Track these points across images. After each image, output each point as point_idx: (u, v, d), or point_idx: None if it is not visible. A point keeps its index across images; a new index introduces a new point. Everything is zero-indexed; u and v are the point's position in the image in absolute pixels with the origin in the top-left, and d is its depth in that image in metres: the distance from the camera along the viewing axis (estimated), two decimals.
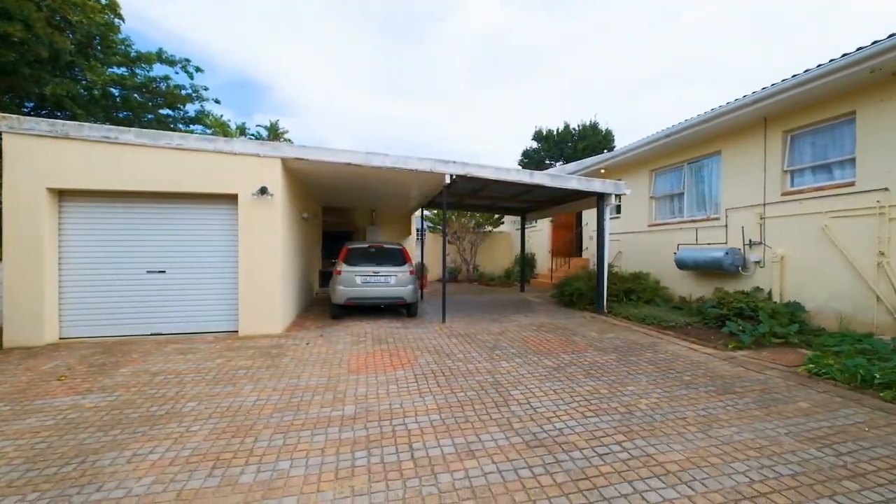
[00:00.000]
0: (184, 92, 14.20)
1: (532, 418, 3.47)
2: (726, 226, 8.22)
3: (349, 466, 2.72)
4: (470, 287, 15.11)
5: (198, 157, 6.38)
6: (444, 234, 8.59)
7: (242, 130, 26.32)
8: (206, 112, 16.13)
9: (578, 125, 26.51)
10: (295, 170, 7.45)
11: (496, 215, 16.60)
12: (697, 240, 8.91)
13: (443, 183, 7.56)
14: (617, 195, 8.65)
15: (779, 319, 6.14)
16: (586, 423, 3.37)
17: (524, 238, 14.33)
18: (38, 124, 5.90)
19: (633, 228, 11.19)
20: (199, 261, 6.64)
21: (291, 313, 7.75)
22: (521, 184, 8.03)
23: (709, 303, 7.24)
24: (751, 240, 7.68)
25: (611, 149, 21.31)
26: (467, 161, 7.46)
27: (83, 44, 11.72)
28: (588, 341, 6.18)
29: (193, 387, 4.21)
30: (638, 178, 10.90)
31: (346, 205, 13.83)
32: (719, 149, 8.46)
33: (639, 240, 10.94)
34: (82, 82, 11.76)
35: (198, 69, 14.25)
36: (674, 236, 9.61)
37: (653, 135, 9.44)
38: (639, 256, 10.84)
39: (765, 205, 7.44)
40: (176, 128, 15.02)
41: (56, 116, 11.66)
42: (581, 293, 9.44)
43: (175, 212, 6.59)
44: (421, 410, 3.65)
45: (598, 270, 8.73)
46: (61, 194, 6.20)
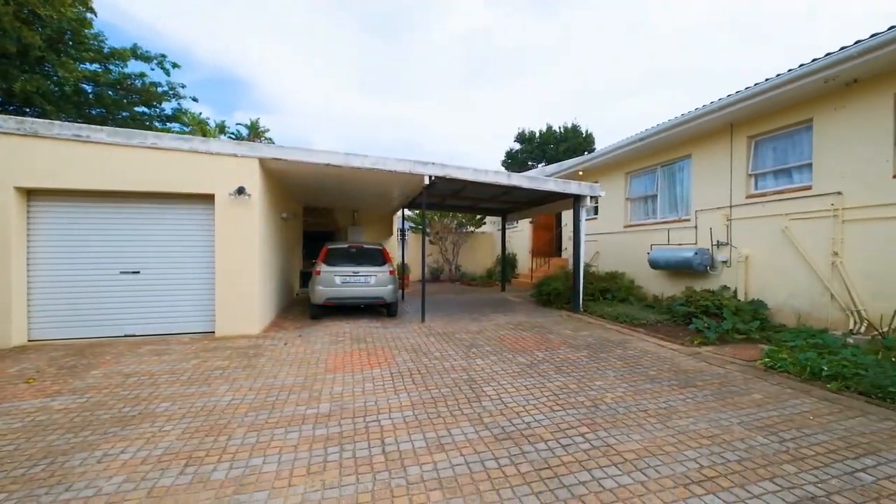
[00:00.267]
0: (160, 89, 13.96)
1: (502, 413, 3.60)
2: (696, 227, 8.54)
3: (321, 461, 2.79)
4: (452, 287, 15.23)
5: (173, 157, 6.32)
6: (423, 234, 8.68)
7: (222, 129, 25.88)
8: (183, 110, 15.88)
9: (561, 127, 26.93)
10: (274, 170, 7.44)
11: (478, 216, 16.77)
12: (669, 240, 9.22)
13: (422, 184, 7.65)
14: (592, 197, 8.88)
15: (742, 317, 6.43)
16: (553, 416, 3.52)
17: (505, 238, 14.53)
18: (5, 122, 5.76)
19: (609, 229, 11.48)
20: (175, 261, 6.57)
21: (270, 314, 7.73)
22: (499, 185, 8.18)
23: (678, 301, 7.53)
24: (718, 240, 8.00)
25: (591, 151, 21.72)
26: (446, 163, 7.56)
27: (54, 39, 11.40)
28: (562, 339, 6.35)
29: (167, 387, 4.20)
30: (614, 180, 11.20)
31: (327, 205, 13.79)
32: (690, 153, 8.78)
33: (615, 240, 11.23)
34: (53, 78, 11.44)
35: (174, 65, 14.02)
36: (648, 237, 9.91)
37: (627, 138, 9.72)
38: (615, 256, 11.14)
39: (731, 207, 7.76)
40: (152, 126, 14.73)
41: (25, 113, 11.34)
42: (558, 293, 9.66)
43: (150, 212, 6.51)
44: (395, 407, 3.73)
45: (574, 270, 8.95)
46: (30, 193, 6.06)
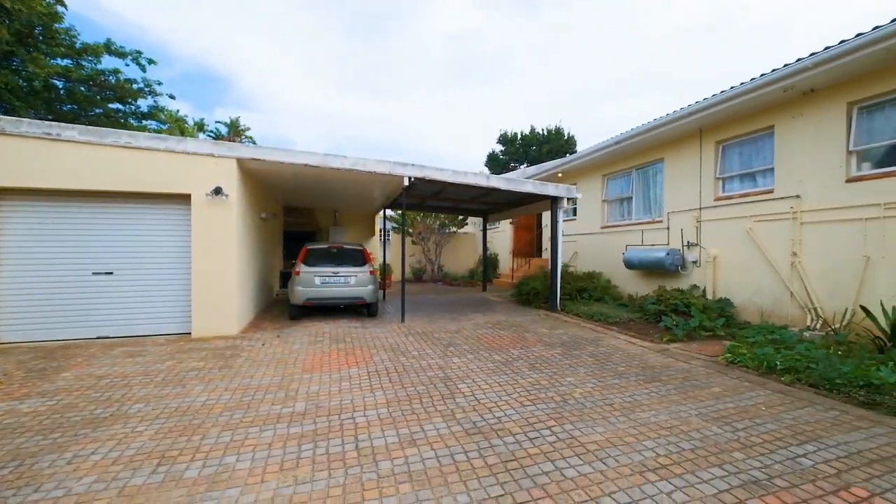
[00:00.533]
0: (135, 86, 13.66)
1: (475, 409, 3.71)
2: (668, 228, 8.84)
3: (295, 458, 2.85)
4: (434, 287, 15.32)
5: (148, 157, 6.24)
6: (402, 234, 8.75)
7: (201, 127, 25.40)
8: (160, 107, 15.54)
9: (544, 129, 27.30)
10: (252, 170, 7.40)
11: (460, 217, 16.90)
12: (643, 241, 9.51)
13: (402, 185, 7.72)
14: (569, 199, 9.10)
15: (708, 314, 6.71)
16: (523, 411, 3.65)
17: (486, 239, 14.70)
18: None
19: (587, 230, 11.75)
20: (151, 262, 6.49)
21: (248, 314, 7.68)
22: (478, 186, 8.31)
23: (650, 300, 7.78)
24: (689, 241, 8.30)
25: (573, 153, 22.11)
26: (425, 164, 7.65)
27: (23, 33, 11.06)
28: (538, 337, 6.52)
29: (141, 389, 4.18)
30: (592, 182, 11.47)
31: (308, 205, 13.71)
32: (662, 156, 9.08)
33: (593, 241, 11.50)
34: (22, 73, 11.09)
35: (150, 62, 13.73)
36: (623, 237, 10.19)
37: (604, 141, 9.98)
38: (593, 257, 11.41)
39: (700, 209, 8.07)
40: (127, 123, 14.39)
41: None
42: (537, 292, 9.85)
43: (124, 211, 6.41)
44: (370, 405, 3.81)
45: (551, 270, 9.15)
46: None
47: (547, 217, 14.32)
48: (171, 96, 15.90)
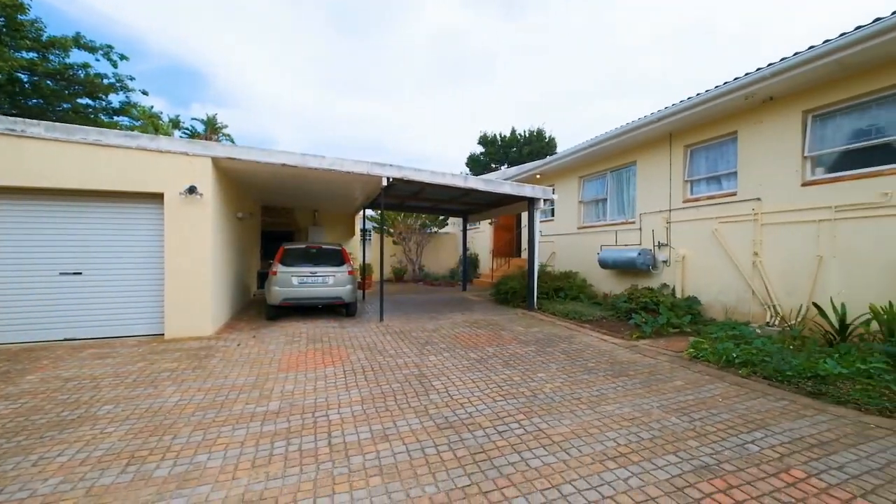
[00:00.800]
0: (106, 81, 13.25)
1: (447, 405, 3.80)
2: (640, 229, 9.13)
3: (267, 455, 2.89)
4: (415, 287, 15.37)
5: (119, 154, 6.11)
6: (381, 234, 8.79)
7: (176, 124, 24.83)
8: (132, 103, 15.13)
9: (525, 131, 27.67)
10: (228, 169, 7.32)
11: (440, 217, 17.00)
12: (617, 241, 9.79)
13: (381, 185, 7.75)
14: (545, 200, 9.30)
15: (676, 312, 6.98)
16: (494, 406, 3.76)
17: (466, 239, 14.83)
18: None
19: (565, 230, 12.00)
20: (122, 261, 6.35)
21: (224, 315, 7.59)
22: (456, 187, 8.41)
23: (621, 298, 8.04)
24: (659, 241, 8.59)
25: (554, 154, 22.48)
26: (404, 164, 7.71)
27: None
28: (514, 335, 6.66)
29: (111, 390, 4.12)
30: (569, 184, 11.73)
31: (286, 204, 13.58)
32: (635, 159, 9.37)
33: (570, 241, 11.76)
34: None
35: (122, 57, 13.38)
36: (599, 238, 10.46)
37: (580, 144, 10.23)
38: (570, 257, 11.66)
39: (670, 210, 8.37)
40: (97, 119, 13.96)
41: None
42: (515, 291, 10.03)
43: (94, 210, 6.26)
44: (345, 403, 3.86)
45: (528, 270, 9.33)
46: None
47: (526, 217, 14.56)
48: (145, 92, 15.50)
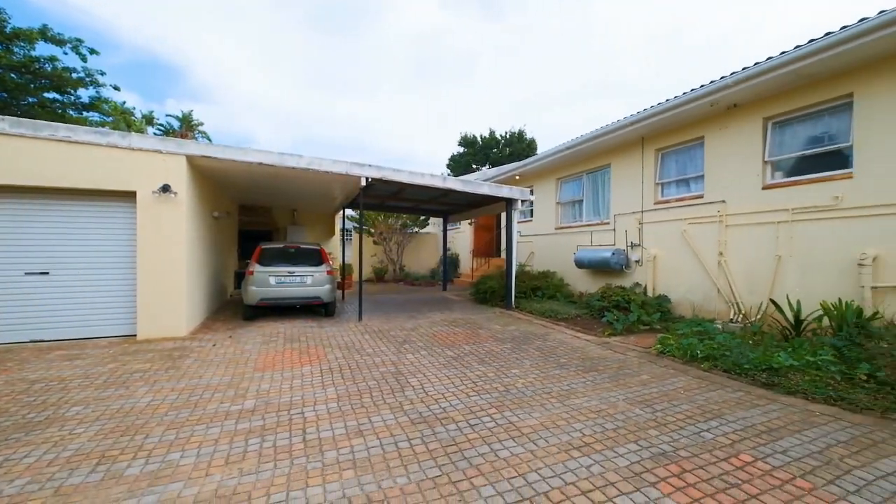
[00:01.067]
0: (75, 75, 12.82)
1: (422, 401, 3.89)
2: (614, 229, 9.41)
3: (241, 452, 2.92)
4: (395, 287, 15.38)
5: (89, 152, 5.97)
6: (360, 233, 8.81)
7: (150, 120, 24.17)
8: (103, 98, 14.67)
9: (506, 132, 28.00)
10: (204, 167, 7.22)
11: (421, 217, 17.06)
12: (592, 241, 10.06)
13: (359, 185, 7.78)
14: (523, 200, 9.49)
15: (647, 309, 7.24)
16: (468, 401, 3.86)
17: (446, 239, 14.94)
18: None
19: (543, 231, 12.23)
20: (92, 261, 6.20)
21: (199, 315, 7.48)
22: (435, 188, 8.50)
23: (595, 297, 8.27)
24: (632, 242, 8.88)
25: (533, 156, 22.85)
26: (383, 164, 7.75)
27: None
28: (491, 333, 6.79)
29: (80, 392, 4.05)
30: (547, 185, 11.97)
31: (264, 204, 13.41)
32: (609, 162, 9.65)
33: (548, 241, 11.99)
34: None
35: (92, 51, 12.97)
36: (575, 238, 10.72)
37: (557, 146, 10.46)
38: (548, 256, 11.89)
39: (643, 211, 8.66)
40: (65, 114, 13.49)
41: None
42: (493, 291, 10.18)
43: (62, 209, 6.09)
44: (320, 400, 3.90)
45: (507, 269, 9.50)
46: None
47: (506, 218, 14.77)
48: (116, 87, 15.07)
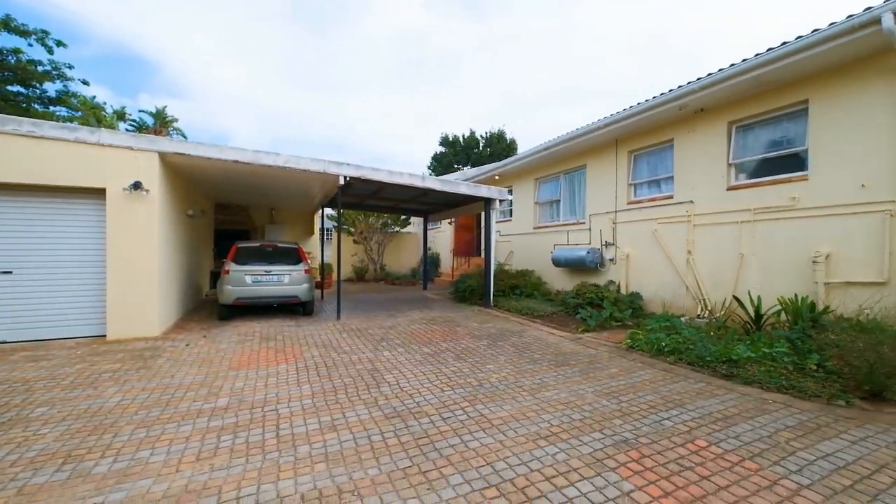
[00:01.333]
0: (40, 68, 12.35)
1: (397, 396, 3.95)
2: (590, 229, 9.64)
3: (213, 448, 2.92)
4: (376, 286, 15.36)
5: (56, 147, 5.80)
6: (339, 233, 8.79)
7: (122, 115, 23.51)
8: (71, 92, 14.17)
9: (486, 132, 28.24)
10: (177, 165, 7.09)
11: (402, 216, 17.06)
12: (569, 241, 10.27)
13: (338, 184, 7.77)
14: (501, 200, 9.63)
15: (619, 306, 7.47)
16: (442, 395, 3.94)
17: (426, 238, 14.98)
18: None
19: (522, 230, 12.41)
20: (59, 260, 6.03)
21: (173, 315, 7.34)
22: (414, 187, 8.55)
23: (570, 294, 8.47)
24: (607, 241, 9.12)
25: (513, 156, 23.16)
26: (363, 164, 7.77)
27: None
28: (468, 331, 6.89)
29: (45, 393, 3.96)
30: (526, 185, 12.16)
31: (241, 202, 13.21)
32: (585, 163, 9.88)
33: (526, 241, 12.18)
34: None
35: (59, 43, 12.51)
36: (552, 237, 10.92)
37: (535, 147, 10.64)
38: (526, 256, 12.08)
39: (616, 211, 8.90)
40: (29, 108, 12.98)
41: None
42: (472, 289, 10.30)
43: (27, 205, 5.90)
44: (295, 397, 3.91)
45: (485, 269, 9.63)
46: None
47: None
48: (85, 82, 14.58)
